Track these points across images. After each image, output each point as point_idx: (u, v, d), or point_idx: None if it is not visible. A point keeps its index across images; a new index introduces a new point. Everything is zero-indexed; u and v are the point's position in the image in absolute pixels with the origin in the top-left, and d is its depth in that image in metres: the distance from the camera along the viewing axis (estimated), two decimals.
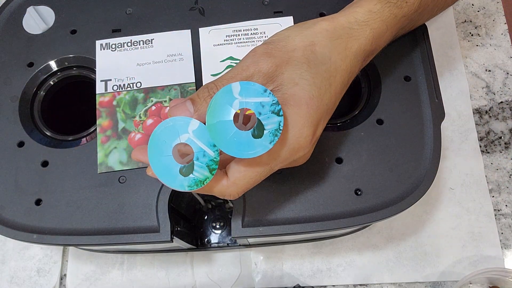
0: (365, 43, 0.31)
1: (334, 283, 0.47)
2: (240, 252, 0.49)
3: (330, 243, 0.48)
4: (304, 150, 0.29)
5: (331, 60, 0.30)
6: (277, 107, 0.27)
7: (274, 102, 0.27)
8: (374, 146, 0.36)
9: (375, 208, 0.35)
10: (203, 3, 0.41)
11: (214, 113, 0.27)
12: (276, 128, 0.27)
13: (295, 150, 0.29)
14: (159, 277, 0.48)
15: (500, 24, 0.56)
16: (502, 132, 0.52)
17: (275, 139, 0.27)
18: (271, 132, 0.27)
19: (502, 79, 0.54)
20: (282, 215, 0.35)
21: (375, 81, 0.39)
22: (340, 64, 0.30)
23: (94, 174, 0.36)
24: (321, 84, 0.29)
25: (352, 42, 0.31)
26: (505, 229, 0.48)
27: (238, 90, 0.27)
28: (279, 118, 0.27)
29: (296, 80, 0.28)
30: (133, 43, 0.40)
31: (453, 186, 0.50)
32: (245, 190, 0.29)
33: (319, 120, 0.29)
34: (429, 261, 0.47)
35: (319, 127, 0.30)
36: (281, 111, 0.27)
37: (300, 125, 0.28)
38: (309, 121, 0.28)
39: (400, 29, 0.35)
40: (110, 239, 0.35)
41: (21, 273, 0.49)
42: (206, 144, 0.27)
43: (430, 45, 0.39)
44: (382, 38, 0.33)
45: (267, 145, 0.27)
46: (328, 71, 0.29)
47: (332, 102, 0.30)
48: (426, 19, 0.38)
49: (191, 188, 0.27)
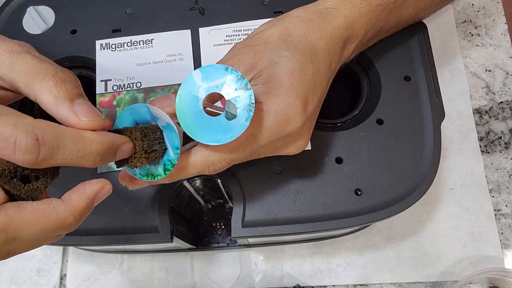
0: (338, 26, 0.32)
1: (334, 283, 0.47)
2: (240, 252, 0.48)
3: (330, 243, 0.48)
4: (293, 123, 0.28)
5: (308, 40, 0.30)
6: (243, 81, 0.26)
7: (239, 77, 0.26)
8: (374, 146, 0.36)
9: (375, 208, 0.35)
10: (203, 3, 0.41)
11: (182, 107, 0.26)
12: (248, 103, 0.26)
13: (282, 121, 0.28)
14: (159, 277, 0.48)
15: (500, 24, 0.56)
16: (502, 132, 0.52)
17: (250, 115, 0.26)
18: (244, 109, 0.26)
19: (502, 79, 0.54)
20: (282, 215, 0.35)
21: (375, 81, 0.39)
22: (317, 43, 0.30)
23: (94, 174, 0.36)
24: (301, 59, 0.29)
25: (324, 24, 0.31)
26: (505, 229, 0.48)
27: (200, 76, 0.26)
28: (249, 91, 0.26)
29: (276, 59, 0.29)
30: (133, 43, 0.40)
31: (453, 186, 0.50)
32: (229, 165, 0.29)
33: (306, 95, 0.29)
34: (429, 261, 0.47)
35: (309, 103, 0.29)
36: (249, 84, 0.26)
37: (285, 96, 0.28)
38: (294, 93, 0.28)
39: (383, 19, 0.34)
40: (110, 239, 0.35)
41: (21, 273, 0.49)
42: (170, 143, 0.26)
43: (430, 45, 0.39)
44: (357, 24, 0.33)
45: (244, 123, 0.26)
46: (307, 48, 0.30)
47: (318, 80, 0.30)
48: (416, 13, 0.37)
49: (141, 177, 0.27)
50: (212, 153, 0.28)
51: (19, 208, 0.21)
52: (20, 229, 0.21)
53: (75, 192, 0.23)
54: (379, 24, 0.35)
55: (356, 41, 0.33)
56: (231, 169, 0.36)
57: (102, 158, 0.23)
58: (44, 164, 0.21)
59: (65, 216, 0.22)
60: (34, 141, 0.20)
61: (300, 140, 0.30)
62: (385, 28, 0.36)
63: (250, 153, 0.29)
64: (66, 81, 0.23)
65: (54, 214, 0.22)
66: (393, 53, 0.39)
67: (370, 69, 0.39)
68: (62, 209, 0.22)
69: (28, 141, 0.20)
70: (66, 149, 0.22)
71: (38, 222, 0.22)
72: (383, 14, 0.34)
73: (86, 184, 0.24)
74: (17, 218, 0.21)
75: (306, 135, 0.30)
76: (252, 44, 0.30)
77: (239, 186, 0.35)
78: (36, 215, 0.22)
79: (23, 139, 0.20)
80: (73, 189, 0.23)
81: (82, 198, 0.23)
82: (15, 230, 0.21)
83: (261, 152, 0.30)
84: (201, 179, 0.44)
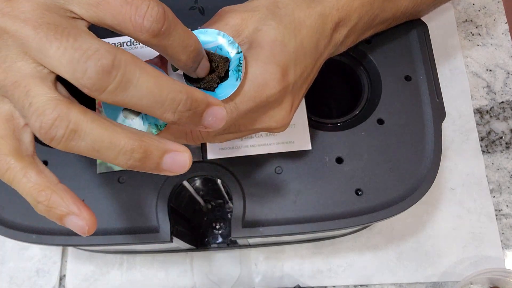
0: (329, 6, 0.31)
1: (334, 284, 0.47)
2: (240, 252, 0.48)
3: (330, 244, 0.48)
4: (271, 88, 0.28)
5: (294, 15, 0.30)
6: (234, 45, 0.27)
7: (230, 42, 0.27)
8: (375, 146, 0.36)
9: (376, 208, 0.35)
10: (202, 3, 0.41)
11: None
12: (237, 64, 0.27)
13: (260, 86, 0.27)
14: (158, 278, 0.48)
15: (501, 23, 0.56)
16: (503, 132, 0.52)
17: (239, 75, 0.26)
18: (234, 70, 0.27)
19: (503, 79, 0.54)
20: (282, 215, 0.35)
21: (376, 80, 0.39)
22: (304, 19, 0.30)
23: (94, 174, 0.36)
24: (284, 31, 0.29)
25: (315, 3, 0.31)
26: (506, 229, 0.48)
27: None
28: (239, 54, 0.27)
29: (260, 27, 0.29)
30: (132, 42, 0.40)
31: (454, 186, 0.49)
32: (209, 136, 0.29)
33: (286, 64, 0.28)
34: (430, 262, 0.47)
35: (289, 72, 0.29)
36: (239, 48, 0.27)
37: (264, 61, 0.28)
38: (273, 60, 0.28)
39: (378, 7, 0.34)
40: (109, 239, 0.35)
41: (20, 274, 0.49)
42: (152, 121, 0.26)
43: (431, 45, 0.39)
44: (350, 7, 0.32)
45: (235, 83, 0.26)
46: (292, 22, 0.29)
47: (301, 55, 0.29)
48: (413, 6, 0.37)
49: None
50: None
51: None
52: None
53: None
54: (374, 12, 0.34)
55: (350, 25, 0.33)
56: (231, 169, 0.36)
57: (196, 55, 0.24)
58: (158, 39, 0.21)
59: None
60: (162, 10, 0.21)
61: (280, 111, 0.29)
62: (381, 17, 0.36)
63: (230, 124, 0.28)
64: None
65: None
66: (394, 53, 0.39)
67: (371, 68, 0.39)
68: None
69: (159, 9, 0.21)
70: (178, 31, 0.22)
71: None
72: (377, 1, 0.34)
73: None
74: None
75: (286, 107, 0.30)
76: (240, 10, 0.29)
77: (239, 186, 0.35)
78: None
79: (155, 7, 0.21)
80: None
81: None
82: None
83: (241, 124, 0.29)
84: (201, 179, 0.43)
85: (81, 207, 0.21)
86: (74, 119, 0.20)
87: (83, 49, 0.19)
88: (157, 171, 0.22)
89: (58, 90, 0.21)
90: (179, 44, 0.22)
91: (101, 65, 0.19)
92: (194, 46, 0.24)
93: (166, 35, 0.21)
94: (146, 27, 0.21)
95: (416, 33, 0.39)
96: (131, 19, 0.20)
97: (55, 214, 0.21)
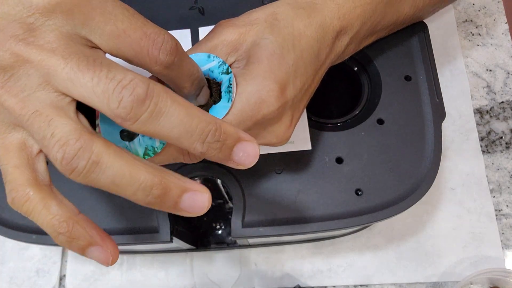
0: (330, 16, 0.31)
1: (334, 284, 0.47)
2: (240, 252, 0.48)
3: (330, 244, 0.48)
4: (268, 106, 0.27)
5: (294, 26, 0.29)
6: (224, 66, 0.27)
7: (220, 63, 0.27)
8: (375, 146, 0.36)
9: (376, 208, 0.35)
10: (202, 3, 0.41)
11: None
12: (227, 85, 0.27)
13: (257, 104, 0.27)
14: (158, 278, 0.48)
15: (501, 23, 0.56)
16: (503, 132, 0.52)
17: (230, 96, 0.26)
18: (225, 91, 0.27)
19: (503, 79, 0.54)
20: (282, 215, 0.35)
21: (376, 80, 0.39)
22: (303, 30, 0.30)
23: None
24: (283, 43, 0.28)
25: (315, 13, 0.31)
26: (506, 229, 0.48)
27: None
28: (229, 75, 0.27)
29: (258, 41, 0.28)
30: None
31: (454, 186, 0.49)
32: None
33: (284, 79, 0.28)
34: (430, 262, 0.47)
35: (287, 88, 0.28)
36: (229, 68, 0.27)
37: (260, 78, 0.27)
38: (271, 76, 0.27)
39: (380, 14, 0.34)
40: None
41: (20, 274, 0.49)
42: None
43: (431, 45, 0.39)
44: (352, 15, 0.32)
45: (226, 104, 0.26)
46: (291, 34, 0.29)
47: (301, 67, 0.29)
48: (414, 12, 0.37)
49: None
50: None
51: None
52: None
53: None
54: (376, 18, 0.34)
55: (351, 33, 0.33)
56: (231, 169, 0.36)
57: (199, 83, 0.25)
58: (169, 70, 0.22)
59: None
60: (175, 44, 0.22)
61: (280, 126, 0.29)
62: (383, 24, 0.35)
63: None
64: None
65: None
66: (394, 53, 0.39)
67: (371, 68, 0.39)
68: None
69: (173, 43, 0.21)
70: (186, 62, 0.23)
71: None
72: (379, 7, 0.33)
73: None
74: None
75: (286, 122, 0.29)
76: (238, 24, 0.29)
77: (239, 186, 0.35)
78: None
79: (169, 40, 0.21)
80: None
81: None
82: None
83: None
84: (201, 179, 0.43)
85: (104, 238, 0.21)
86: (97, 151, 0.19)
87: (118, 79, 0.19)
88: (175, 210, 0.21)
89: (80, 120, 0.21)
90: (185, 74, 0.23)
91: (135, 95, 0.19)
92: (197, 74, 0.24)
93: (177, 66, 0.22)
94: (161, 59, 0.21)
95: (416, 33, 0.39)
96: (148, 51, 0.21)
97: (78, 245, 0.21)
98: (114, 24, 0.21)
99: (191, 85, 0.24)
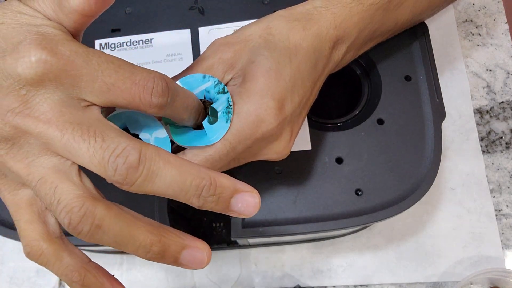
0: (326, 25, 0.31)
1: (334, 284, 0.47)
2: (240, 252, 0.48)
3: (330, 244, 0.48)
4: (267, 125, 0.27)
5: (289, 40, 0.29)
6: (220, 86, 0.27)
7: (216, 83, 0.27)
8: (375, 146, 0.36)
9: (376, 208, 0.35)
10: (202, 3, 0.41)
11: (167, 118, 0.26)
12: (226, 105, 0.27)
13: (255, 123, 0.27)
14: (158, 278, 0.48)
15: (501, 23, 0.56)
16: (503, 132, 0.52)
17: (229, 116, 0.26)
18: (223, 111, 0.26)
19: (503, 79, 0.54)
20: (282, 215, 0.35)
21: (376, 80, 0.39)
22: (299, 42, 0.29)
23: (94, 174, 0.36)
24: (279, 58, 0.28)
25: (311, 24, 0.30)
26: (506, 229, 0.48)
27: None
28: (226, 95, 0.27)
29: (253, 58, 0.28)
30: (132, 42, 0.40)
31: (454, 186, 0.49)
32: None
33: (282, 95, 0.28)
34: (430, 262, 0.47)
35: (285, 104, 0.28)
36: (226, 87, 0.27)
37: (258, 96, 0.27)
38: (269, 93, 0.27)
39: (378, 21, 0.33)
40: None
41: (20, 274, 0.49)
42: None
43: (431, 45, 0.39)
44: (348, 23, 0.31)
45: (225, 125, 0.26)
46: (287, 48, 0.29)
47: (298, 80, 0.29)
48: (413, 17, 0.37)
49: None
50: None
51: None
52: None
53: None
54: (374, 25, 0.34)
55: (349, 41, 0.32)
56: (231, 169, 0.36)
57: (196, 112, 0.26)
58: (165, 109, 0.22)
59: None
60: (165, 84, 0.22)
61: (279, 143, 0.29)
62: (381, 30, 0.35)
63: (229, 160, 0.28)
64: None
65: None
66: (394, 53, 0.39)
67: (371, 68, 0.39)
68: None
69: (163, 84, 0.22)
70: (180, 96, 0.23)
71: None
72: (377, 14, 0.33)
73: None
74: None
75: (286, 138, 0.29)
76: (232, 41, 0.29)
77: None
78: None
79: (159, 82, 0.21)
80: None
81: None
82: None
83: (240, 158, 0.29)
84: None
85: (114, 283, 0.23)
86: (99, 215, 0.20)
87: (112, 149, 0.20)
88: (176, 265, 0.22)
89: (83, 182, 0.22)
90: (181, 108, 0.24)
91: (128, 162, 0.20)
92: (193, 104, 0.25)
93: (171, 103, 0.22)
94: (154, 103, 0.22)
95: (416, 33, 0.39)
96: (140, 98, 0.21)
97: None
98: (102, 80, 0.21)
99: (189, 115, 0.25)
